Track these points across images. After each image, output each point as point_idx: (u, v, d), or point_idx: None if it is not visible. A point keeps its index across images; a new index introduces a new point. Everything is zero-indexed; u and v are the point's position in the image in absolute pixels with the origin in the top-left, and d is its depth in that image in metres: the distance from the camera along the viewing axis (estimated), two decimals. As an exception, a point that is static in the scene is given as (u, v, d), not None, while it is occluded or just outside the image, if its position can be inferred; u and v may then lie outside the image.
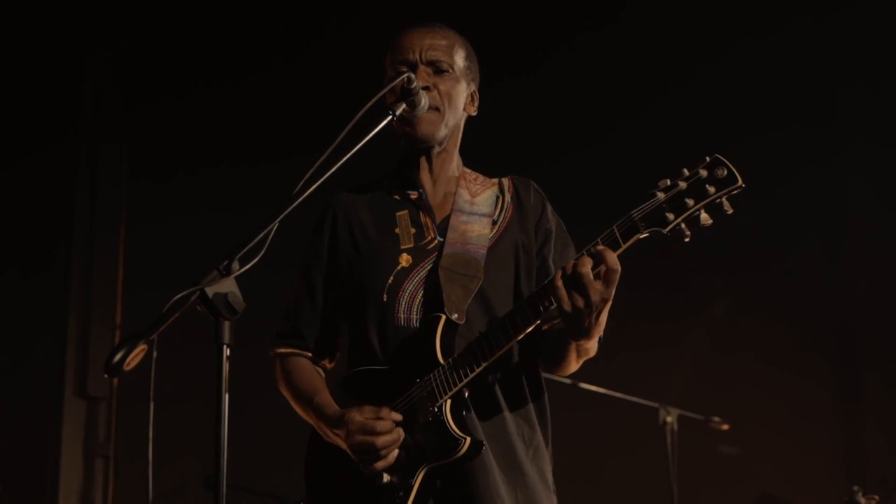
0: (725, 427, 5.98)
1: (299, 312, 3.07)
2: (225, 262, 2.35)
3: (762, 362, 6.64)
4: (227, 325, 2.30)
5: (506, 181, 3.12)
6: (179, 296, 2.28)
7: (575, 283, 2.62)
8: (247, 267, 2.38)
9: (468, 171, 3.13)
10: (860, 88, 6.82)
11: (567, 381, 5.50)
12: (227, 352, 2.29)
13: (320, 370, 3.11)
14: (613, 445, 6.50)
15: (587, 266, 2.62)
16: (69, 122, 6.86)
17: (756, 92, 6.74)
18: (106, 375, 2.24)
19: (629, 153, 6.60)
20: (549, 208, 3.09)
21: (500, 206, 3.05)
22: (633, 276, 2.78)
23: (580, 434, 6.46)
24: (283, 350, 3.08)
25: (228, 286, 2.31)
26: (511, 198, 3.07)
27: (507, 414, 2.89)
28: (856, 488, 4.73)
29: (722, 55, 6.69)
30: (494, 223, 3.01)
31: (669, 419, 5.75)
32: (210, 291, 2.28)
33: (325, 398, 2.93)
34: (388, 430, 2.75)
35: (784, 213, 6.63)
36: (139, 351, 2.24)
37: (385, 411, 2.78)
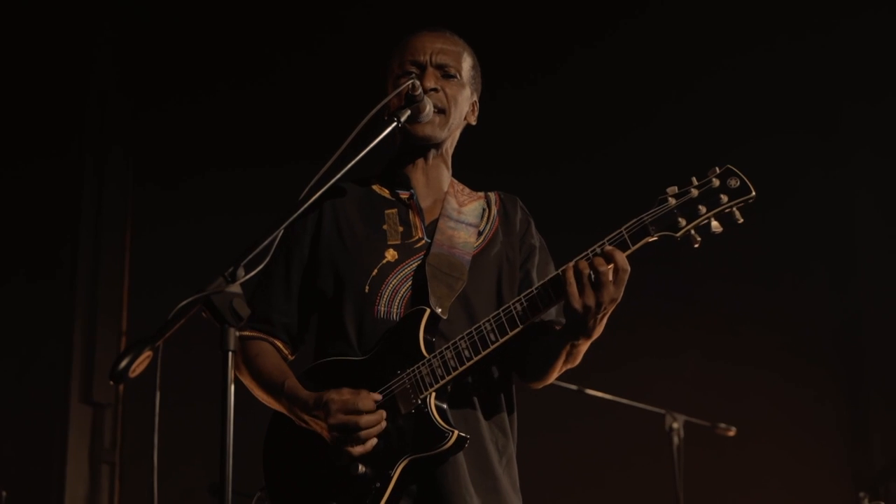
0: (732, 433, 5.97)
1: (272, 299, 3.00)
2: (230, 269, 2.35)
3: (768, 369, 6.63)
4: (232, 331, 2.29)
5: (493, 195, 3.15)
6: (185, 302, 2.28)
7: (593, 281, 2.66)
8: (252, 273, 2.38)
9: (455, 181, 3.15)
10: (865, 99, 6.81)
11: (573, 387, 5.50)
12: (232, 358, 2.29)
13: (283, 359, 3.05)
14: (619, 452, 6.49)
15: (604, 265, 2.66)
16: (75, 128, 6.87)
17: (761, 102, 6.73)
18: (111, 382, 2.23)
19: (632, 161, 6.61)
20: (534, 226, 3.13)
21: (486, 218, 3.08)
22: (639, 283, 2.78)
23: (586, 440, 6.47)
24: (249, 333, 2.99)
25: (234, 292, 2.31)
26: (498, 211, 3.11)
27: (482, 419, 2.90)
28: (862, 495, 4.73)
29: (726, 66, 6.70)
30: (480, 234, 3.03)
31: (676, 425, 5.74)
32: (215, 298, 2.28)
33: (297, 382, 2.88)
34: (370, 409, 2.74)
35: (790, 223, 6.62)
36: (144, 357, 2.23)
37: (365, 392, 2.76)
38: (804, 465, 6.51)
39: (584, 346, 2.84)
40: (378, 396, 2.77)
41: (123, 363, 2.21)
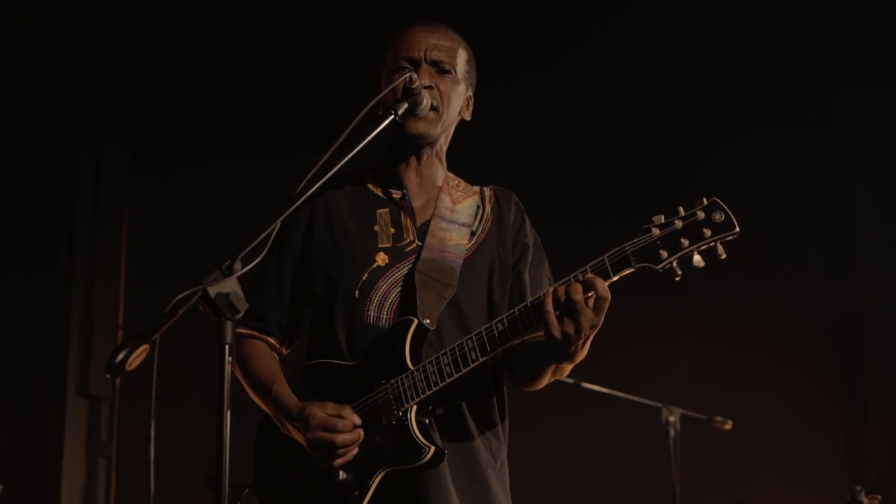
0: (728, 426, 5.97)
1: (265, 295, 3.01)
2: (227, 262, 2.35)
3: (765, 362, 6.63)
4: (229, 324, 2.29)
5: (487, 191, 3.11)
6: (181, 295, 2.28)
7: (567, 309, 2.63)
8: (249, 266, 2.38)
9: (451, 175, 3.12)
10: (861, 91, 6.81)
11: (570, 380, 5.50)
12: (229, 351, 2.29)
13: (276, 356, 3.06)
14: (616, 445, 6.49)
15: (580, 293, 2.62)
16: (72, 121, 6.86)
17: (757, 94, 6.73)
18: (108, 375, 2.23)
19: (628, 154, 6.61)
20: (528, 223, 3.10)
21: (479, 216, 3.05)
22: (636, 276, 2.77)
23: (582, 434, 6.47)
24: (242, 330, 3.01)
25: (230, 286, 2.31)
26: (492, 209, 3.07)
27: (472, 426, 2.89)
28: (858, 488, 4.72)
29: (722, 58, 6.69)
30: (473, 234, 3.00)
31: (672, 419, 5.74)
32: (212, 291, 2.28)
33: (284, 388, 2.90)
34: (348, 429, 2.74)
35: (787, 215, 6.62)
36: (141, 351, 2.23)
37: (347, 410, 2.77)
38: (801, 458, 6.51)
39: (569, 367, 2.82)
40: (359, 420, 2.77)
41: (120, 356, 2.21)
